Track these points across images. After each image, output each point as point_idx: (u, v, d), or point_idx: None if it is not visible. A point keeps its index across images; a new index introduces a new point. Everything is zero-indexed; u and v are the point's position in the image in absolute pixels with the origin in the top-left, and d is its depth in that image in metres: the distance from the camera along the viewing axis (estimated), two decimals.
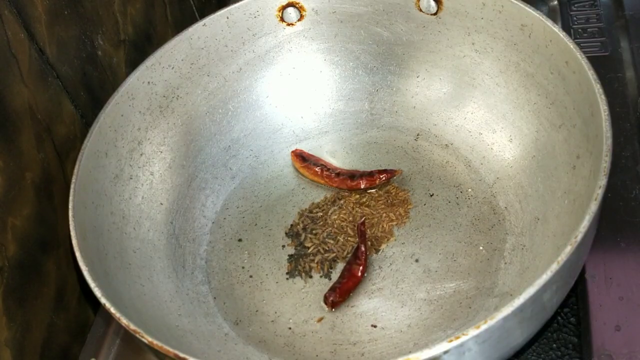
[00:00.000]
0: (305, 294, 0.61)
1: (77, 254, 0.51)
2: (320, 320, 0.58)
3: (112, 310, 0.48)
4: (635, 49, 0.73)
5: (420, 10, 0.67)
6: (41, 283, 0.59)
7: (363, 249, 0.61)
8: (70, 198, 0.55)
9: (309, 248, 0.63)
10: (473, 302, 0.57)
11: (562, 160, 0.57)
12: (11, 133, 0.55)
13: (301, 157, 0.69)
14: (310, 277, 0.62)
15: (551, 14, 0.80)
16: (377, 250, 0.62)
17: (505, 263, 0.58)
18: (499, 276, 0.58)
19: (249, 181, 0.70)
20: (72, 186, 0.56)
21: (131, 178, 0.63)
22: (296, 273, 0.62)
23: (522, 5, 0.60)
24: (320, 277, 0.61)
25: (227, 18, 0.68)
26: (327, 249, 0.63)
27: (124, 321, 0.47)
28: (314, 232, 0.64)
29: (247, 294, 0.61)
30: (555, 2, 0.81)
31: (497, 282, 0.57)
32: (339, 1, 0.69)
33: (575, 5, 0.79)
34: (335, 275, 0.61)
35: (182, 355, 0.44)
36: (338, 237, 0.64)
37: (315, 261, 0.62)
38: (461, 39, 0.66)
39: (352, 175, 0.67)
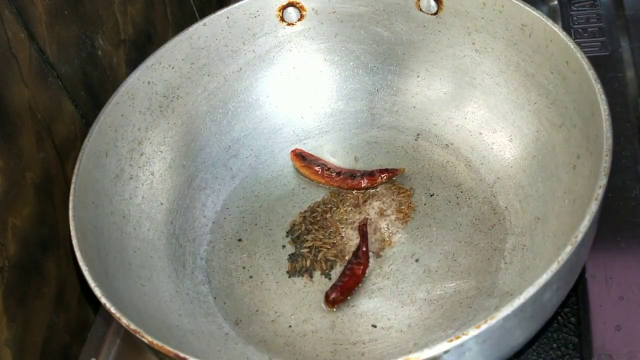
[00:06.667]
0: (306, 294, 0.61)
1: (77, 254, 0.51)
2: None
3: (113, 310, 0.48)
4: (635, 49, 0.73)
5: (421, 10, 0.67)
6: (41, 283, 0.59)
7: (364, 248, 0.61)
8: (71, 198, 0.55)
9: (309, 248, 0.63)
10: (473, 302, 0.57)
11: (563, 160, 0.57)
12: (11, 133, 0.55)
13: (301, 157, 0.69)
14: (311, 276, 0.62)
15: (551, 14, 0.80)
16: (380, 250, 0.62)
17: (506, 263, 0.58)
18: (499, 276, 0.58)
19: (249, 181, 0.70)
20: (72, 186, 0.56)
21: (131, 178, 0.63)
22: (296, 273, 0.62)
23: (523, 5, 0.60)
24: (321, 275, 0.61)
25: (228, 18, 0.68)
26: (327, 248, 0.63)
27: (124, 321, 0.47)
28: (314, 231, 0.64)
29: (248, 294, 0.61)
30: (556, 2, 0.81)
31: (498, 282, 0.57)
32: (339, 1, 0.69)
33: (576, 5, 0.79)
34: (335, 275, 0.61)
35: (182, 355, 0.44)
36: (338, 237, 0.64)
37: (316, 260, 0.62)
38: (461, 39, 0.66)
39: (353, 174, 0.67)
